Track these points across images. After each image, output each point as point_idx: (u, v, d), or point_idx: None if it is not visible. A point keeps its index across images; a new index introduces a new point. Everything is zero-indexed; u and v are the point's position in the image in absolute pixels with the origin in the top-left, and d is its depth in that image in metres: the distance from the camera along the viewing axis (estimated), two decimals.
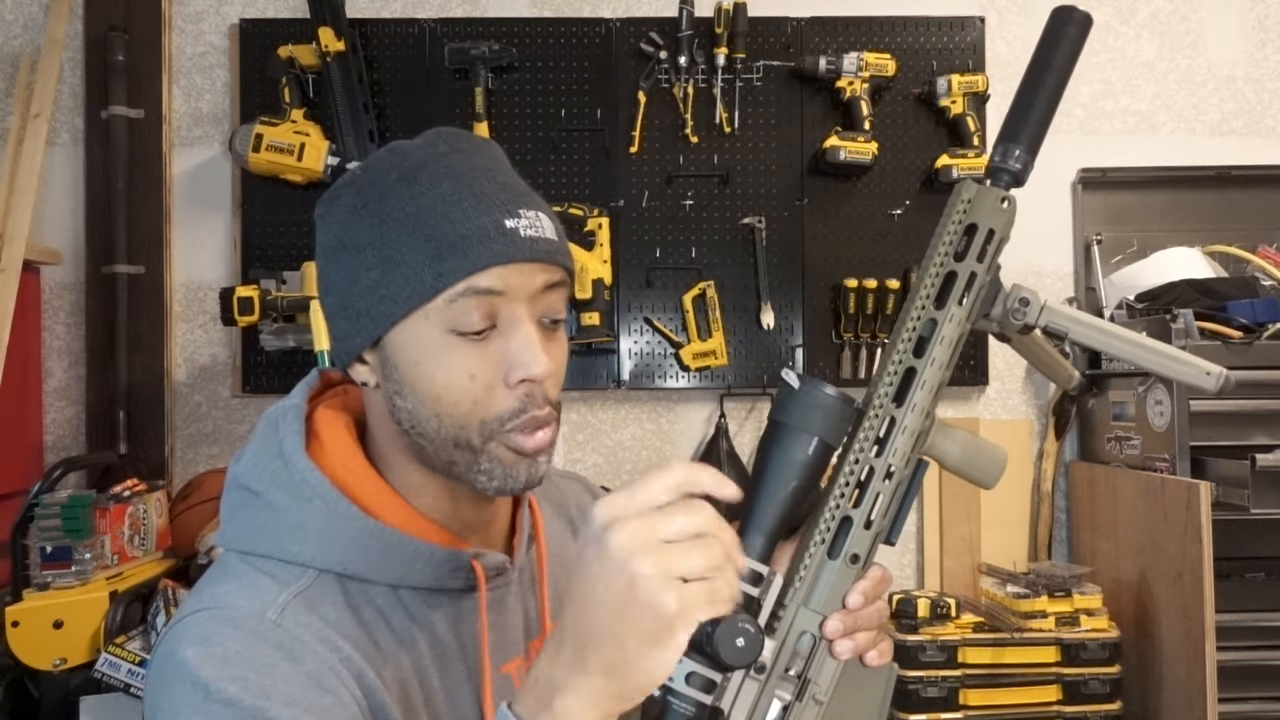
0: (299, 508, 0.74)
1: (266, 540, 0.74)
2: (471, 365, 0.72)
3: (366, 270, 0.73)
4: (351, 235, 0.75)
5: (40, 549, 1.84)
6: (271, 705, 0.65)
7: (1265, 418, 2.04)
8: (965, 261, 0.78)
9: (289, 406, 0.79)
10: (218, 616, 0.70)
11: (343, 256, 0.75)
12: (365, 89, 2.35)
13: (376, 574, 0.74)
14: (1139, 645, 2.09)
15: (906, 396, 0.75)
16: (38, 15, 2.43)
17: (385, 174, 0.75)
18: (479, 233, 0.71)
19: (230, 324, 2.14)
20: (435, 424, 0.73)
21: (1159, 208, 2.51)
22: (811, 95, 2.44)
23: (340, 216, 0.76)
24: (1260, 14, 2.56)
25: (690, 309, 2.40)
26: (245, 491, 0.77)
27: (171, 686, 0.67)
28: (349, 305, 0.75)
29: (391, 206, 0.73)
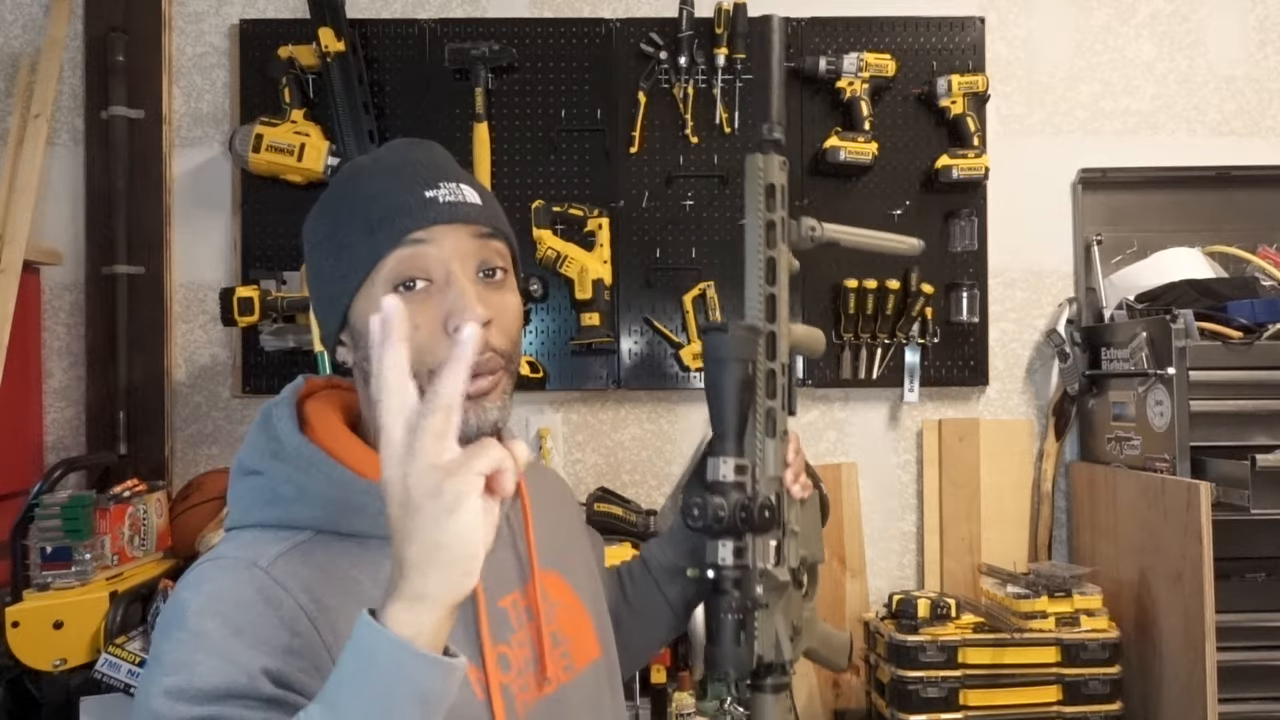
0: (298, 477, 0.83)
1: (271, 510, 0.83)
2: (414, 317, 0.81)
3: (325, 260, 0.86)
4: (313, 234, 0.88)
5: (40, 549, 1.84)
6: (239, 642, 0.72)
7: (1265, 418, 2.04)
8: (776, 212, 1.08)
9: (278, 399, 0.90)
10: (216, 565, 0.79)
11: (310, 256, 0.88)
12: (365, 89, 2.35)
13: (372, 528, 0.82)
14: (1139, 645, 2.09)
15: (776, 314, 1.07)
16: (38, 15, 2.43)
17: (338, 181, 0.89)
18: (402, 205, 0.83)
19: (230, 324, 2.14)
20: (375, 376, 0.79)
21: (1159, 208, 2.51)
22: (811, 95, 2.44)
23: (309, 224, 0.89)
24: (1260, 14, 2.56)
25: (690, 309, 2.40)
26: (247, 474, 0.86)
27: (169, 628, 0.75)
28: (320, 295, 0.87)
29: (338, 202, 0.87)
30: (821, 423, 2.49)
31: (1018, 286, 2.52)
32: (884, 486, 2.50)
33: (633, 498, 2.38)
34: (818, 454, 2.46)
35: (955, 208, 2.44)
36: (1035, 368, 2.52)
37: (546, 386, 2.40)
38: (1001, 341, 2.51)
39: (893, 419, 2.50)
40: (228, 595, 0.75)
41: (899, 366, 2.42)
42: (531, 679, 0.89)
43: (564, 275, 2.32)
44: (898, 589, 2.31)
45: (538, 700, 0.89)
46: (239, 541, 0.82)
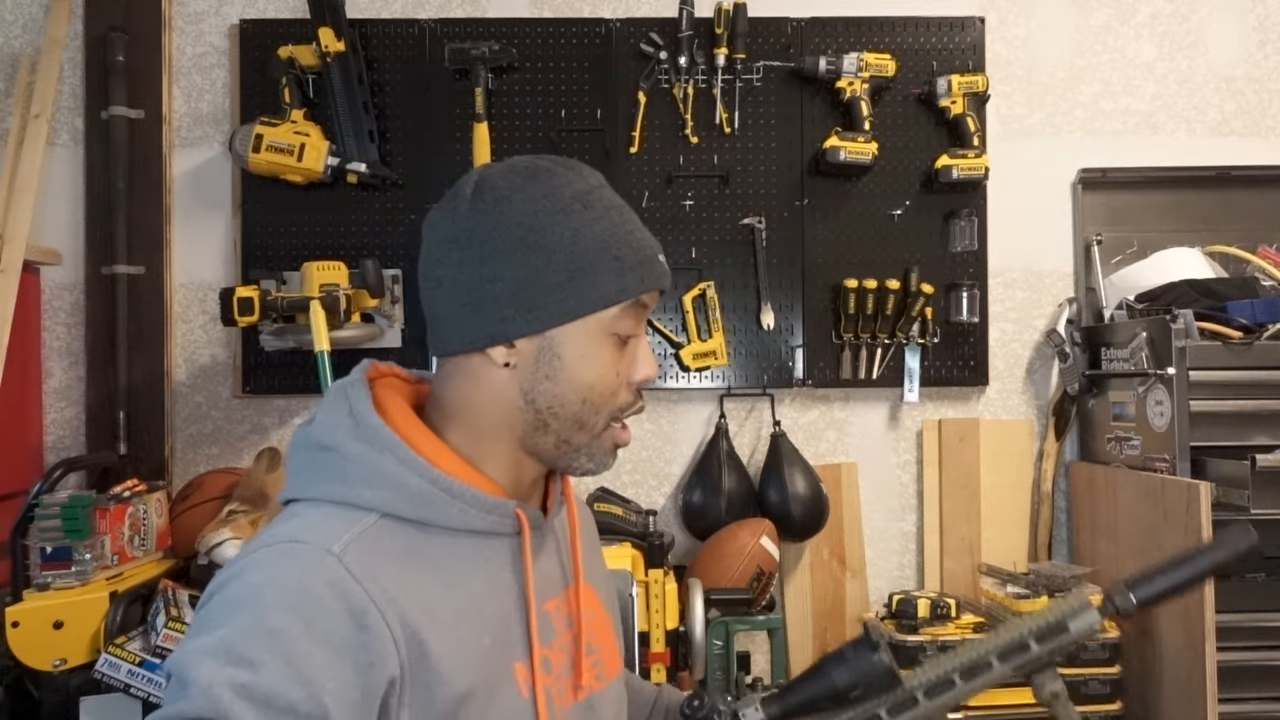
0: (373, 457, 0.84)
1: (339, 487, 0.84)
2: (618, 364, 0.90)
3: (553, 272, 0.86)
4: (539, 237, 0.86)
5: (40, 549, 1.84)
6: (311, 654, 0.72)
7: (1265, 418, 2.04)
8: (1040, 646, 0.97)
9: (354, 379, 0.91)
10: (285, 551, 0.78)
11: (526, 254, 0.86)
12: (365, 89, 2.35)
13: (438, 518, 0.85)
14: (1139, 645, 2.09)
15: (939, 696, 0.95)
16: (38, 15, 2.43)
17: (560, 190, 0.88)
18: (648, 259, 0.90)
19: (230, 324, 2.13)
20: (577, 407, 0.88)
21: (1159, 208, 2.51)
22: (811, 95, 2.44)
23: (522, 216, 0.86)
24: (1260, 14, 2.56)
25: (690, 309, 2.40)
26: (318, 448, 0.87)
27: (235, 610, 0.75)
28: (522, 296, 0.86)
29: (579, 224, 0.87)
30: (821, 423, 2.49)
31: (1018, 286, 2.52)
32: (884, 486, 2.50)
33: (633, 498, 2.38)
34: (818, 454, 2.46)
35: (955, 208, 2.44)
36: (1035, 368, 2.52)
37: None
38: (1001, 341, 2.51)
39: (893, 419, 2.50)
40: (304, 589, 0.75)
41: (899, 366, 2.42)
42: (568, 684, 0.92)
43: None
44: (898, 589, 2.31)
45: (572, 705, 0.92)
46: (306, 521, 0.82)
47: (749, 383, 2.43)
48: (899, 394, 2.43)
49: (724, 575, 2.13)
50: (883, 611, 2.21)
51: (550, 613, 0.93)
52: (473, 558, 0.87)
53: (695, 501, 2.32)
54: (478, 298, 0.87)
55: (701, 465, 2.38)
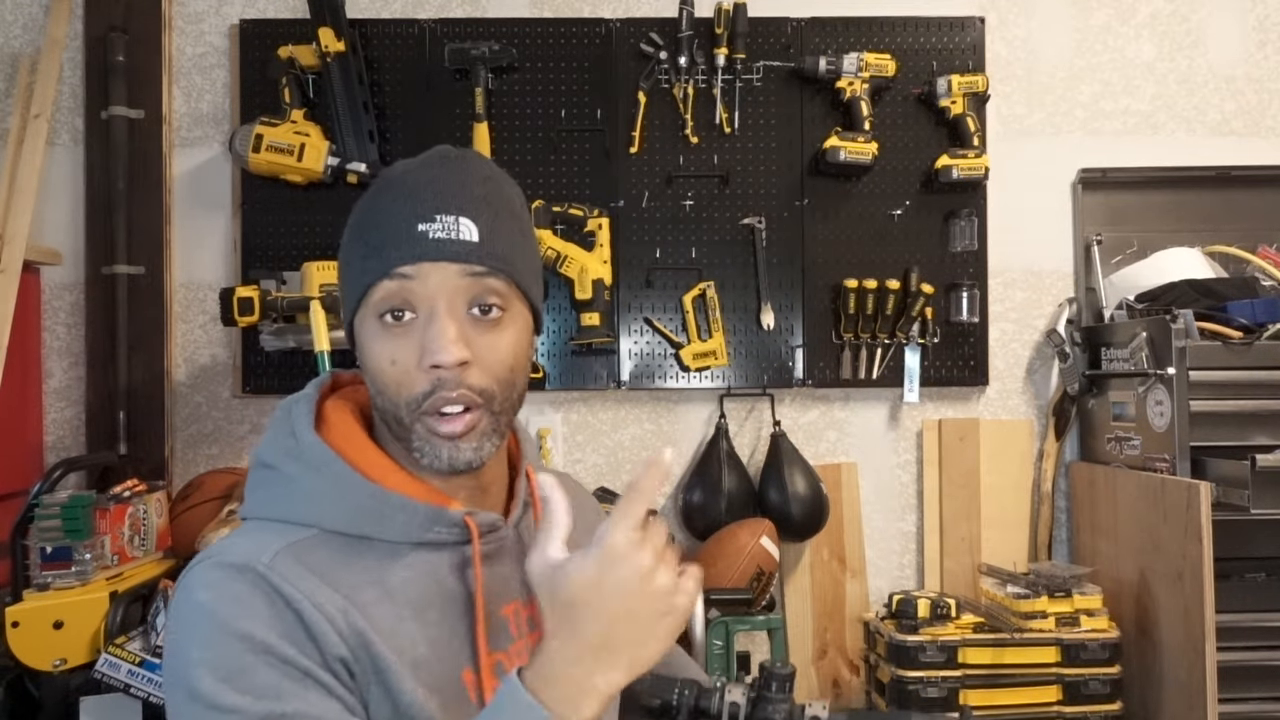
0: (310, 476, 0.85)
1: (280, 506, 0.85)
2: (392, 351, 0.83)
3: (341, 266, 0.89)
4: (344, 234, 0.90)
5: (40, 549, 1.84)
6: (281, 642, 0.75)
7: (1265, 418, 2.04)
8: None
9: (301, 396, 0.90)
10: (218, 563, 0.79)
11: (343, 249, 0.89)
12: (365, 89, 2.35)
13: (379, 531, 0.84)
14: (1139, 645, 2.09)
15: None
16: (38, 15, 2.43)
17: (370, 188, 0.89)
18: (393, 237, 0.83)
19: (230, 324, 2.13)
20: (380, 401, 0.86)
21: (1159, 208, 2.51)
22: (811, 95, 2.44)
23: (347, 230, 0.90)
24: (1260, 14, 2.56)
25: (690, 309, 2.40)
26: (263, 467, 0.88)
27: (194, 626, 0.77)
28: (344, 291, 0.89)
29: (357, 213, 0.89)
30: (821, 423, 2.49)
31: (1018, 286, 2.52)
32: (884, 486, 2.50)
33: None
34: (818, 454, 2.46)
35: (955, 208, 2.44)
36: (1035, 368, 2.52)
37: (546, 386, 2.40)
38: (1001, 341, 2.51)
39: (893, 419, 2.50)
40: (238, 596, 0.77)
41: (899, 366, 2.42)
42: None
43: (564, 275, 2.32)
44: (898, 589, 2.31)
45: None
46: (244, 539, 0.83)
47: (749, 383, 2.43)
48: (899, 394, 2.43)
49: (724, 575, 2.13)
50: (883, 611, 2.21)
51: (508, 617, 0.90)
52: (417, 568, 0.85)
53: (695, 501, 2.32)
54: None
55: (701, 465, 2.38)
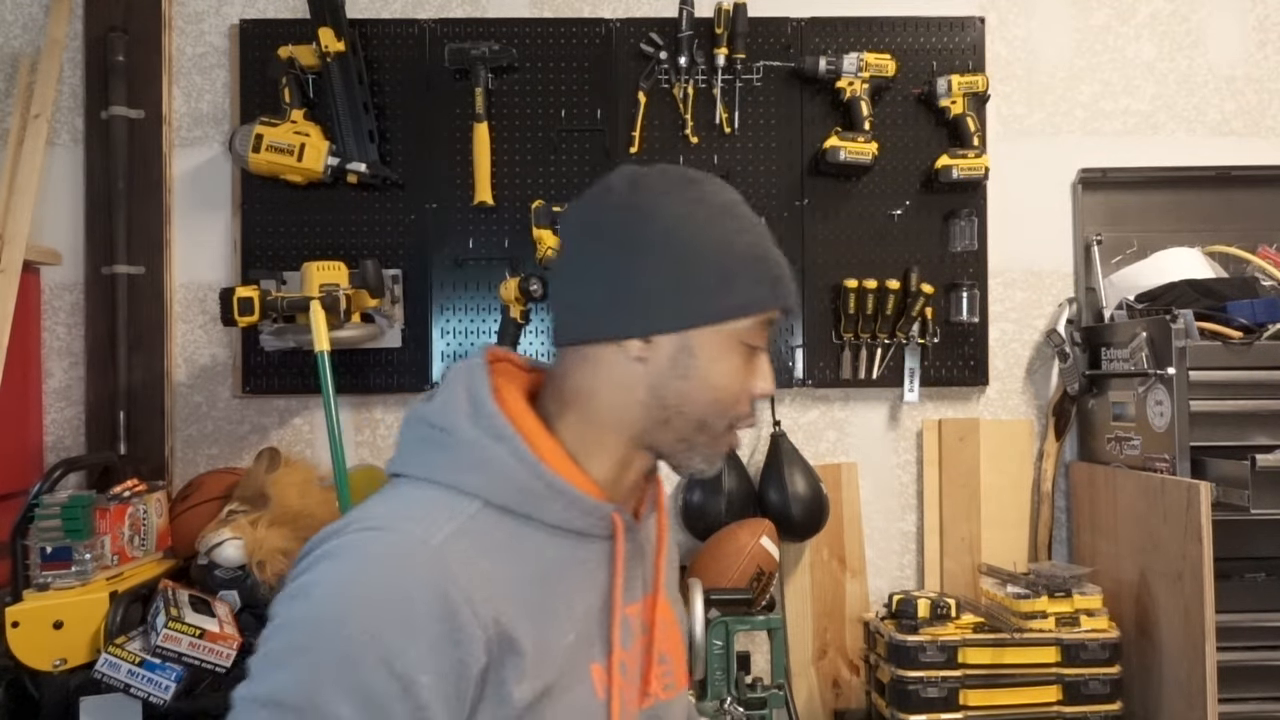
0: (487, 445, 0.86)
1: (449, 471, 0.86)
2: (744, 373, 0.92)
3: (701, 275, 0.88)
4: (691, 239, 0.88)
5: (40, 549, 1.84)
6: (400, 639, 0.75)
7: (1265, 418, 2.04)
8: None
9: (476, 363, 0.92)
10: (376, 541, 0.80)
11: (676, 254, 0.88)
12: (365, 89, 2.35)
13: (539, 513, 0.87)
14: (1139, 645, 2.09)
15: None
16: (38, 15, 2.43)
17: (711, 197, 0.91)
18: (783, 276, 0.92)
19: (230, 324, 2.13)
20: (704, 408, 0.90)
21: (1159, 208, 2.51)
22: (811, 95, 2.44)
23: (675, 217, 0.89)
24: (1260, 14, 2.56)
25: None
26: (433, 428, 0.89)
27: (307, 592, 0.78)
28: (668, 295, 0.88)
29: (728, 233, 0.90)
30: (821, 423, 2.49)
31: (1018, 286, 2.52)
32: (884, 486, 2.50)
33: None
34: (818, 454, 2.46)
35: (955, 208, 2.44)
36: (1035, 368, 2.52)
37: None
38: (1001, 341, 2.51)
39: (893, 419, 2.50)
40: (395, 587, 0.77)
41: (899, 366, 2.42)
42: (636, 690, 0.93)
43: None
44: (898, 589, 2.31)
45: (638, 711, 0.93)
46: (408, 505, 0.84)
47: None
48: (899, 394, 2.43)
49: (724, 575, 2.13)
50: (883, 611, 2.21)
51: (630, 617, 0.94)
52: (567, 555, 0.88)
53: (695, 501, 2.32)
54: (621, 290, 0.88)
55: None
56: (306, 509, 2.08)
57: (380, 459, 2.43)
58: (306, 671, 0.75)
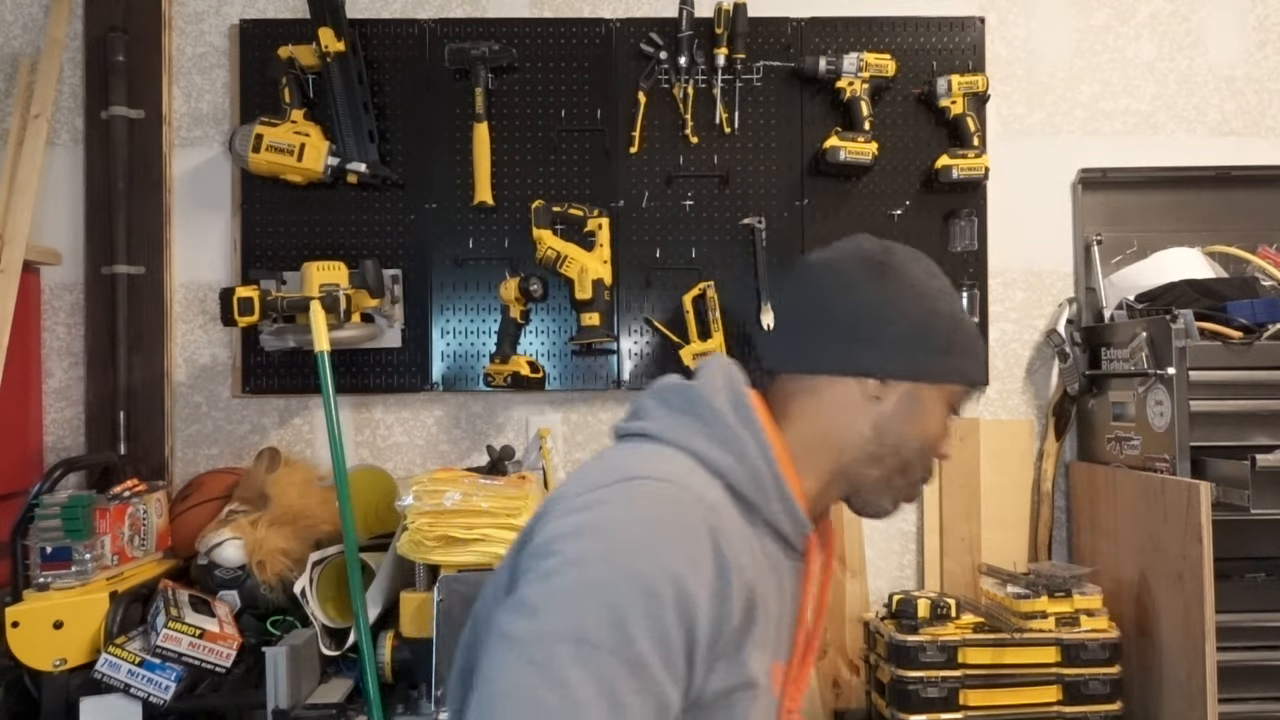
0: (739, 430, 0.95)
1: (701, 443, 0.94)
2: (944, 433, 1.05)
3: (938, 337, 1.01)
4: (933, 305, 1.03)
5: (40, 549, 1.84)
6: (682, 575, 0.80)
7: (1265, 418, 2.04)
8: None
9: (729, 361, 1.03)
10: (665, 489, 0.87)
11: (922, 313, 1.01)
12: (365, 89, 2.35)
13: (763, 507, 0.94)
14: (1139, 645, 2.09)
15: None
16: (38, 15, 2.43)
17: (942, 277, 1.08)
18: (986, 360, 1.04)
19: (230, 324, 2.13)
20: (913, 454, 1.02)
21: (1159, 208, 2.51)
22: (811, 95, 2.44)
23: (916, 283, 1.03)
24: (1260, 14, 2.56)
25: (690, 309, 2.40)
26: (694, 401, 0.98)
27: (596, 530, 0.82)
28: (910, 347, 1.00)
29: (958, 310, 1.06)
30: None
31: (1018, 286, 2.52)
32: None
33: None
34: None
35: (955, 208, 2.44)
36: (1035, 368, 2.52)
37: (546, 386, 2.40)
38: (1001, 341, 2.51)
39: None
40: (689, 531, 0.83)
41: None
42: (785, 702, 1.01)
43: (564, 275, 2.32)
44: (898, 589, 2.30)
45: (786, 716, 1.01)
46: (672, 465, 0.90)
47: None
48: None
49: None
50: (883, 611, 2.21)
51: (797, 638, 1.04)
52: (773, 556, 0.97)
53: None
54: (872, 333, 1.00)
55: None
56: (306, 509, 2.08)
57: (380, 459, 2.43)
58: (610, 608, 0.77)
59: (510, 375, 2.29)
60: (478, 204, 2.37)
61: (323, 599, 1.99)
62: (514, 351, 2.33)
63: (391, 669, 1.88)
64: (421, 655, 1.84)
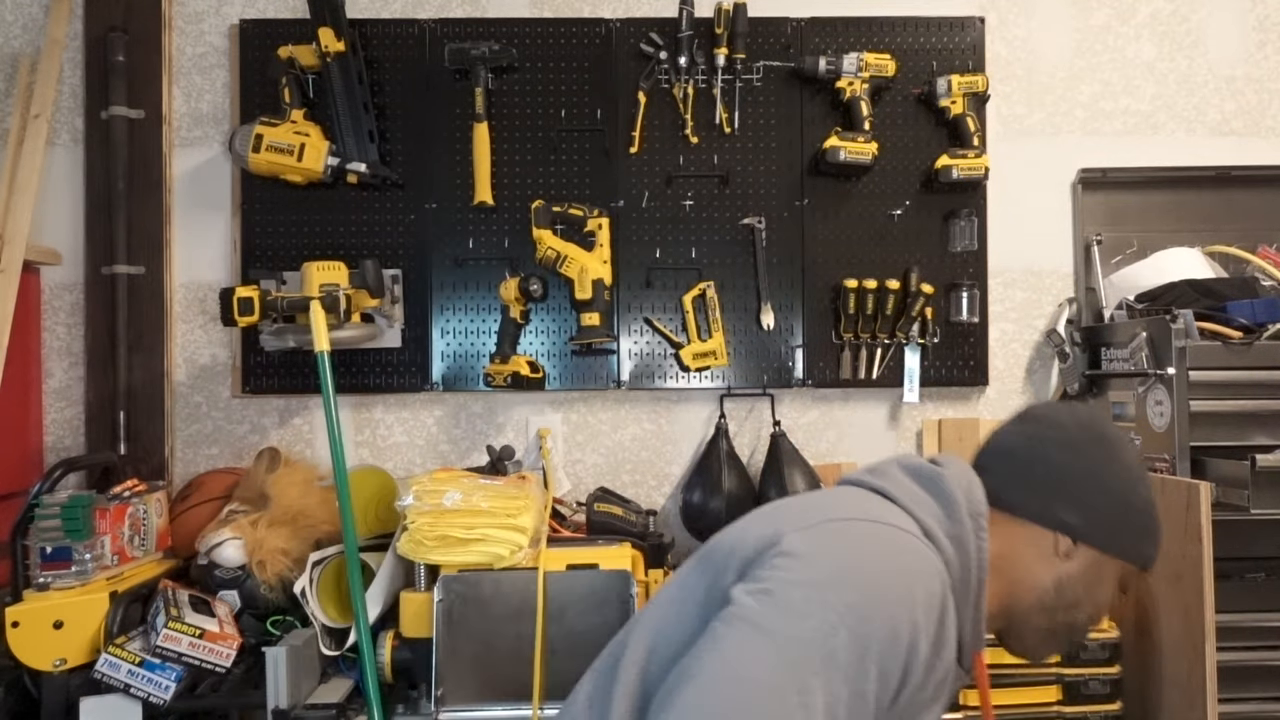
0: (970, 535, 1.01)
1: (936, 526, 1.00)
2: (1109, 605, 1.12)
3: (1133, 518, 1.10)
4: (1134, 488, 1.10)
5: (40, 549, 1.84)
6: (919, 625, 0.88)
7: (1265, 418, 2.03)
8: None
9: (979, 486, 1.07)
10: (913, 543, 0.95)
11: (1120, 489, 1.09)
12: (365, 89, 2.35)
13: (961, 604, 0.99)
14: (1139, 645, 2.09)
15: None
16: (38, 15, 2.43)
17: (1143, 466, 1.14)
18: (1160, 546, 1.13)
19: (230, 324, 2.13)
20: (1083, 617, 1.10)
21: (1159, 208, 2.51)
22: (811, 95, 2.44)
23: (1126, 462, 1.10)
24: (1260, 14, 2.56)
25: (690, 309, 2.40)
26: (945, 491, 1.03)
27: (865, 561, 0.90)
28: (1109, 520, 1.08)
29: (1153, 497, 1.11)
30: (821, 423, 2.49)
31: (1018, 286, 2.52)
32: None
33: (633, 498, 2.38)
34: (818, 454, 2.46)
35: (955, 208, 2.44)
36: (1035, 368, 2.52)
37: (546, 386, 2.40)
38: (1001, 341, 2.51)
39: (892, 419, 2.50)
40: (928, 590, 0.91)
41: (899, 366, 2.42)
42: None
43: (564, 275, 2.32)
44: None
45: None
46: (914, 529, 0.97)
47: (749, 383, 2.43)
48: (899, 394, 2.43)
49: None
50: None
51: None
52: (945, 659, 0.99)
53: (695, 501, 2.32)
54: (1080, 496, 1.08)
55: (701, 465, 2.38)
56: (306, 509, 2.08)
57: (380, 459, 2.43)
58: (860, 638, 0.85)
59: (510, 375, 2.29)
60: (478, 204, 2.37)
61: (323, 599, 1.99)
62: (514, 351, 2.33)
63: (391, 669, 1.88)
64: (421, 655, 1.84)
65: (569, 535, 2.06)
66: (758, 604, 0.87)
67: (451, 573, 1.83)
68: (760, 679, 0.82)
